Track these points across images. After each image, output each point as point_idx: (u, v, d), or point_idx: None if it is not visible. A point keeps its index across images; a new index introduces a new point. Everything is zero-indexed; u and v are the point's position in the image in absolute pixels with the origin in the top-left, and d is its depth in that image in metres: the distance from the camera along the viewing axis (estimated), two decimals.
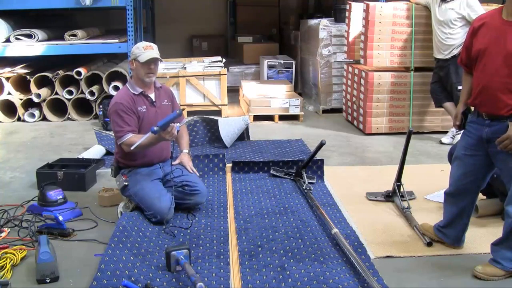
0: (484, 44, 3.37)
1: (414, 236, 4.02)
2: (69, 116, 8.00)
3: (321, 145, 5.01)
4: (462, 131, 3.69)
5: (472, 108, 3.55)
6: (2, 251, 3.62)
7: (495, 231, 3.85)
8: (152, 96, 4.45)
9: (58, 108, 8.05)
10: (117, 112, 4.24)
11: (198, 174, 4.57)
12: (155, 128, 3.88)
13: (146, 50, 4.30)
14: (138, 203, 4.28)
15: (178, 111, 4.03)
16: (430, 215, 4.31)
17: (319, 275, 3.35)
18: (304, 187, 4.85)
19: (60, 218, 3.98)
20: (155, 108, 4.40)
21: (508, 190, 3.38)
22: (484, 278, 3.39)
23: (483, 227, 4.15)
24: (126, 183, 4.30)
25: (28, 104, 7.95)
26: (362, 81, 7.16)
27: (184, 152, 4.62)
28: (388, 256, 3.72)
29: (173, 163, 4.45)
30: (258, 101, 7.90)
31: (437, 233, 3.87)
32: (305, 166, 5.13)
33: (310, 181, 5.04)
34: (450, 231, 3.79)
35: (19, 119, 7.95)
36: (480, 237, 3.96)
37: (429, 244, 3.84)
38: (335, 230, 3.90)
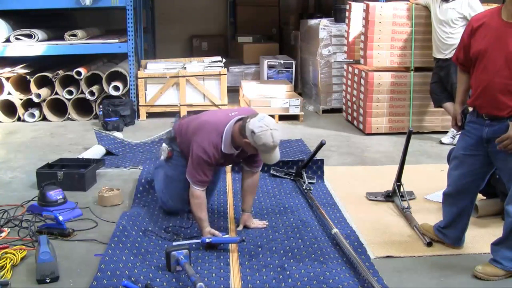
0: (484, 45, 3.36)
1: (414, 236, 4.02)
2: (69, 116, 8.00)
3: (321, 145, 5.01)
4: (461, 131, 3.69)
5: (470, 108, 3.55)
6: (2, 251, 3.61)
7: (495, 231, 3.85)
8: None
9: (58, 108, 8.04)
10: (206, 162, 3.83)
11: (261, 227, 4.12)
12: (207, 241, 3.73)
13: (274, 150, 3.78)
14: (156, 183, 4.22)
15: (240, 239, 3.75)
16: (430, 215, 4.31)
17: (319, 275, 3.35)
18: (304, 187, 4.86)
19: (60, 218, 3.98)
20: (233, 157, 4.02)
21: (508, 190, 3.38)
22: (484, 278, 3.39)
23: (483, 227, 4.15)
24: (165, 161, 4.25)
25: (28, 104, 7.95)
26: (362, 81, 7.16)
27: (246, 213, 4.15)
28: (388, 256, 3.72)
29: (238, 228, 4.08)
30: (258, 101, 7.90)
31: (437, 233, 3.87)
32: (305, 166, 5.13)
33: (310, 181, 5.04)
34: (450, 232, 3.78)
35: (19, 119, 7.95)
36: (480, 237, 3.96)
37: (429, 244, 3.84)
38: (335, 230, 3.90)
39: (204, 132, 3.87)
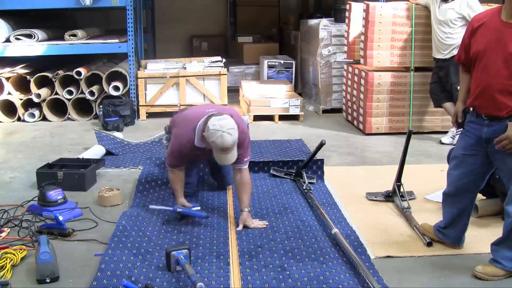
0: (483, 45, 3.37)
1: (414, 236, 4.02)
2: (69, 116, 8.00)
3: (321, 145, 5.01)
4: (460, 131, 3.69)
5: (471, 108, 3.55)
6: (2, 251, 3.62)
7: (495, 231, 3.85)
8: None
9: (58, 108, 8.05)
10: (179, 150, 4.25)
11: (261, 227, 4.15)
12: (178, 210, 4.20)
13: (225, 152, 3.94)
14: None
15: (205, 215, 4.18)
16: (430, 215, 4.31)
17: (319, 275, 3.35)
18: (304, 187, 4.86)
19: (60, 218, 3.99)
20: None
21: (507, 190, 3.38)
22: (484, 278, 3.39)
23: (483, 227, 4.15)
24: (165, 149, 4.66)
25: (28, 104, 7.95)
26: (362, 81, 7.16)
27: (244, 212, 4.20)
28: (388, 256, 3.72)
29: (238, 228, 4.12)
30: (258, 101, 7.90)
31: (437, 233, 3.87)
32: (305, 166, 5.13)
33: (310, 181, 5.04)
34: (451, 232, 3.79)
35: (19, 119, 7.95)
36: (480, 237, 3.96)
37: (429, 244, 3.84)
38: (335, 230, 3.90)
39: (182, 126, 4.29)
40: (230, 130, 3.88)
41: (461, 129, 3.66)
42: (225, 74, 8.19)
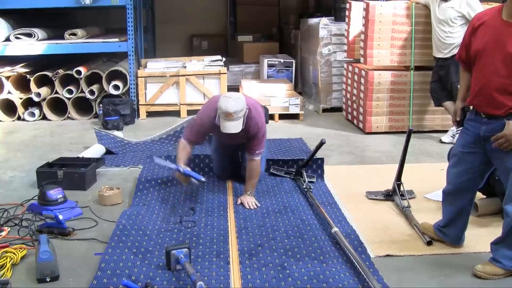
0: (483, 44, 3.37)
1: (414, 235, 4.03)
2: (69, 115, 8.00)
3: (321, 144, 5.01)
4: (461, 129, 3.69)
5: (471, 107, 3.55)
6: (2, 250, 3.62)
7: (495, 230, 3.86)
8: None
9: (58, 107, 8.04)
10: (199, 125, 4.62)
11: (255, 207, 4.52)
12: (181, 170, 4.49)
13: (228, 119, 4.31)
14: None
15: (204, 180, 4.58)
16: (430, 214, 4.31)
17: (319, 274, 3.35)
18: (304, 186, 4.86)
19: (60, 217, 3.99)
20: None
21: (506, 188, 3.38)
22: (484, 277, 3.40)
23: (483, 226, 4.15)
24: None
25: (28, 103, 7.95)
26: (362, 80, 7.16)
27: (244, 193, 4.66)
28: (388, 255, 3.72)
29: (237, 203, 4.59)
30: (258, 100, 7.88)
31: (437, 232, 3.87)
32: (305, 165, 5.13)
33: (310, 180, 5.04)
34: (450, 231, 3.79)
35: (19, 118, 7.95)
36: (480, 236, 3.96)
37: (429, 243, 3.84)
38: (335, 229, 3.90)
39: (206, 106, 4.72)
40: (236, 99, 4.31)
41: (461, 127, 3.66)
42: (225, 73, 8.19)
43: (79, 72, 7.86)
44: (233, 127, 4.31)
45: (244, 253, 3.70)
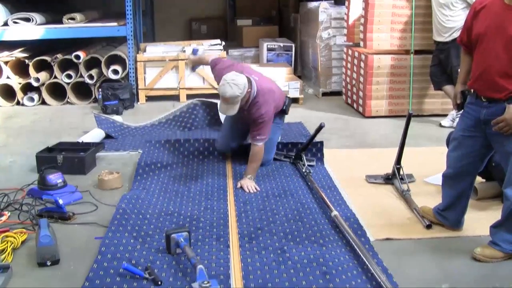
0: (484, 28, 3.35)
1: (413, 219, 4.03)
2: (68, 100, 7.99)
3: (320, 127, 5.01)
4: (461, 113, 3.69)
5: (471, 90, 3.54)
6: (3, 234, 3.62)
7: (495, 213, 3.85)
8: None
9: (57, 92, 8.03)
10: (218, 69, 4.98)
11: (254, 191, 4.55)
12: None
13: (222, 101, 4.45)
14: None
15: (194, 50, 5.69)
16: (429, 197, 4.32)
17: (318, 257, 3.36)
18: (303, 170, 4.86)
19: (60, 201, 3.99)
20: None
21: (506, 172, 3.38)
22: (483, 260, 3.40)
23: (482, 210, 4.16)
24: None
25: (27, 88, 7.93)
26: (362, 64, 7.14)
27: (245, 178, 4.67)
28: (387, 239, 3.73)
29: (237, 187, 4.65)
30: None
31: (437, 216, 3.87)
32: (304, 149, 5.12)
33: (309, 163, 5.05)
34: (450, 214, 3.79)
35: (18, 103, 7.94)
36: (480, 219, 3.96)
37: (428, 227, 3.85)
38: (334, 213, 3.91)
39: (227, 66, 4.91)
40: (232, 84, 4.32)
41: (462, 111, 3.66)
42: (225, 57, 8.16)
43: (78, 57, 7.83)
44: (227, 110, 4.43)
45: (244, 236, 3.70)
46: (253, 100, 4.53)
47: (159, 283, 3.08)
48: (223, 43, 8.55)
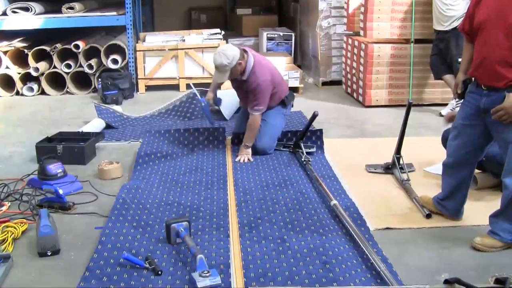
0: (486, 16, 3.34)
1: (413, 208, 4.04)
2: (68, 89, 7.97)
3: (313, 116, 5.02)
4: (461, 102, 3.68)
5: (472, 79, 3.54)
6: (3, 224, 3.63)
7: (494, 203, 3.85)
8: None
9: (57, 82, 8.01)
10: None
11: (246, 161, 4.99)
12: (203, 104, 5.61)
13: (216, 69, 4.93)
14: None
15: (213, 123, 5.73)
16: (429, 187, 4.32)
17: (318, 246, 3.37)
18: (302, 159, 4.86)
19: (60, 191, 4.00)
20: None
21: (503, 161, 3.38)
22: (482, 250, 3.41)
23: (482, 199, 4.17)
24: None
25: (27, 78, 7.92)
26: (362, 53, 7.12)
27: (241, 147, 5.10)
28: (387, 228, 3.73)
29: (236, 159, 5.05)
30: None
31: (436, 205, 3.88)
32: (301, 138, 5.12)
33: (309, 150, 5.05)
34: (450, 203, 3.80)
35: (17, 93, 7.92)
36: (479, 209, 3.97)
37: (428, 216, 3.85)
38: (334, 202, 3.91)
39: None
40: (221, 53, 4.75)
41: (462, 100, 3.65)
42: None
43: (77, 46, 7.81)
44: (218, 77, 4.99)
45: (244, 226, 3.71)
46: (251, 70, 4.92)
47: (159, 272, 3.09)
48: (223, 32, 8.52)
